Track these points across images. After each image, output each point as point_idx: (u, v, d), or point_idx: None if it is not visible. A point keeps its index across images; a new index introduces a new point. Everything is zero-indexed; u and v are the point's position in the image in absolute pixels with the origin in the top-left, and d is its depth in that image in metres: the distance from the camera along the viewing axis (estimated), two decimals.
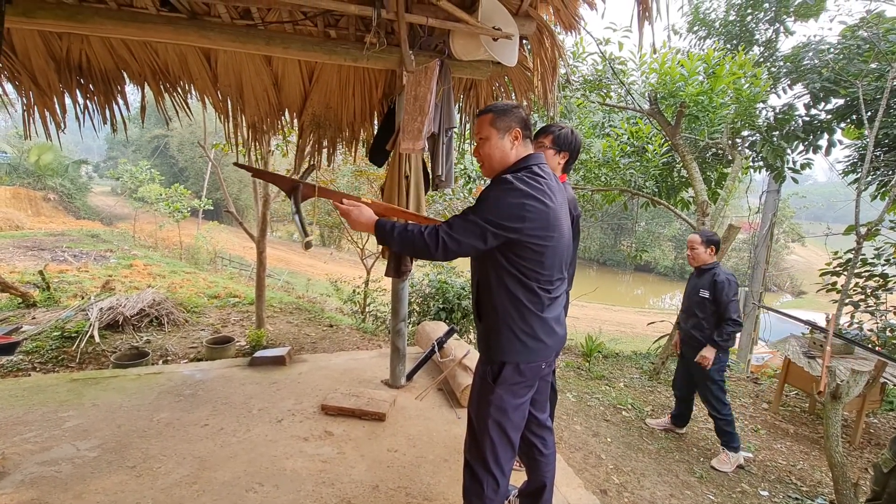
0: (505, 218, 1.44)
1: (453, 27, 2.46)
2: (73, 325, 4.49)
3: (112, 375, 3.24)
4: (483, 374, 1.61)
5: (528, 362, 1.57)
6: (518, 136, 1.58)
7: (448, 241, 1.48)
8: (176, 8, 2.48)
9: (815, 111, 5.23)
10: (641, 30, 2.33)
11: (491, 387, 1.57)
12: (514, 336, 1.53)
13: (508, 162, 1.59)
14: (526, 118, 1.62)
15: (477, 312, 1.65)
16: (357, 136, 3.78)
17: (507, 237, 1.46)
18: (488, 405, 1.58)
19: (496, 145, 1.58)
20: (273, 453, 2.39)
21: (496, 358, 1.56)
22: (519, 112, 1.61)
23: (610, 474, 2.81)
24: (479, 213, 1.46)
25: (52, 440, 2.41)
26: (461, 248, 1.49)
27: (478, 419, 1.62)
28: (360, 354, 3.95)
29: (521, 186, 1.45)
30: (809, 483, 2.99)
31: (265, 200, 4.73)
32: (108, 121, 3.26)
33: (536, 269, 1.51)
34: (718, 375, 3.06)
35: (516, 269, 1.51)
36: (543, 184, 1.51)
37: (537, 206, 1.45)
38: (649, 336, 8.33)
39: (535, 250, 1.49)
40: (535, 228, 1.46)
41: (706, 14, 6.00)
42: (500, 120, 1.58)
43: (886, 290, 5.07)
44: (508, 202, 1.44)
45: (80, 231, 16.96)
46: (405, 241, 1.54)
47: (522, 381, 1.58)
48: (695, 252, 3.11)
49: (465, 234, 1.47)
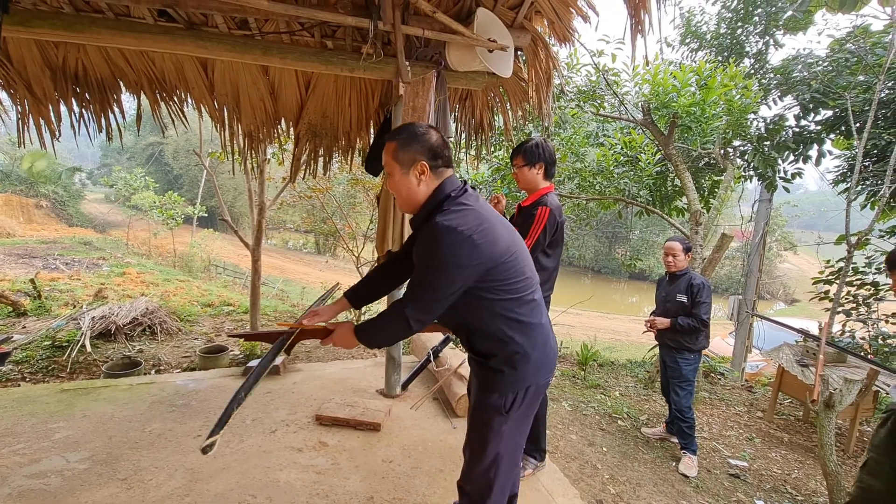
0: (460, 262, 1.33)
1: (449, 39, 2.49)
2: (64, 334, 4.44)
3: (103, 385, 3.20)
4: (491, 406, 1.49)
5: (546, 376, 1.54)
6: (425, 171, 1.42)
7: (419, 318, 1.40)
8: (173, 18, 2.50)
9: (805, 122, 5.31)
10: (634, 43, 2.37)
11: (505, 417, 1.47)
12: (531, 359, 1.46)
13: (418, 199, 1.45)
14: (435, 145, 1.44)
15: (480, 354, 1.51)
16: (353, 144, 3.79)
17: (473, 273, 1.36)
18: (501, 436, 1.50)
19: (401, 182, 1.45)
20: (266, 464, 2.36)
21: (513, 389, 1.46)
22: (426, 139, 1.43)
23: (606, 484, 2.80)
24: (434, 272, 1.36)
25: (41, 452, 2.37)
26: (432, 317, 1.42)
27: (483, 453, 1.52)
28: (354, 363, 3.93)
29: (455, 225, 1.32)
30: (804, 492, 2.99)
31: (261, 209, 4.72)
32: (103, 129, 3.25)
33: (519, 279, 1.44)
34: (692, 376, 3.17)
35: (503, 291, 1.42)
36: (470, 207, 1.40)
37: (480, 234, 1.34)
38: (644, 344, 8.34)
39: (508, 265, 1.41)
40: (492, 252, 1.37)
41: (697, 27, 6.11)
42: (402, 152, 1.43)
43: (878, 298, 5.13)
44: (451, 248, 1.31)
45: (73, 238, 16.84)
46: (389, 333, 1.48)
47: (534, 401, 1.54)
48: (676, 259, 3.17)
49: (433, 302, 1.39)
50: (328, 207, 8.45)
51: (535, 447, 2.54)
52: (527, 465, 2.51)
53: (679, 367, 3.14)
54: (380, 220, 2.92)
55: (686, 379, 3.14)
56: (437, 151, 1.44)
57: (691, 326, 3.06)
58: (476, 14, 2.44)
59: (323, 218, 9.48)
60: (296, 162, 3.79)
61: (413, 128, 1.47)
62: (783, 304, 25.49)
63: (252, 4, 2.13)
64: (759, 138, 5.33)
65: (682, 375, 3.14)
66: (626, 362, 5.59)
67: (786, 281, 26.30)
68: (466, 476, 1.60)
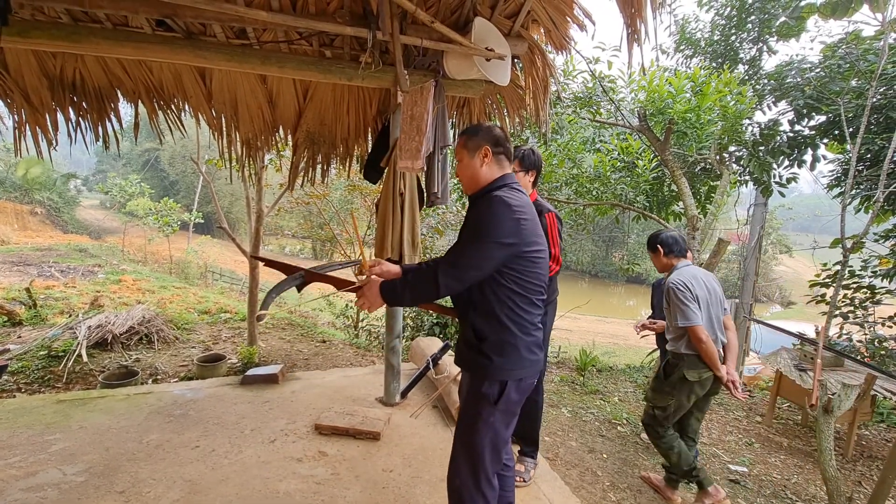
0: (503, 235, 1.47)
1: (447, 48, 2.51)
2: (60, 343, 4.40)
3: (100, 396, 3.17)
4: (482, 395, 1.55)
5: (531, 377, 1.59)
6: (487, 154, 1.63)
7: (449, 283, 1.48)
8: (171, 28, 2.50)
9: (800, 127, 5.37)
10: (630, 51, 2.39)
11: (492, 408, 1.54)
12: (520, 352, 1.54)
13: (480, 180, 1.64)
14: (498, 136, 1.65)
15: (476, 333, 1.57)
16: (351, 152, 3.80)
17: (507, 253, 1.48)
18: (487, 427, 1.56)
19: (467, 165, 1.66)
20: (266, 475, 2.35)
21: (501, 377, 1.53)
22: (490, 131, 1.66)
23: (606, 492, 2.79)
24: (477, 241, 1.48)
25: (38, 464, 2.34)
26: (461, 284, 1.51)
27: (472, 441, 1.59)
28: (353, 371, 3.91)
29: (510, 202, 1.50)
30: (804, 497, 2.99)
31: (258, 216, 4.71)
32: (100, 138, 3.25)
33: (533, 280, 1.55)
34: None
35: (515, 283, 1.52)
36: (523, 199, 1.58)
37: (526, 217, 1.51)
38: (642, 348, 8.35)
39: (532, 260, 1.53)
40: (529, 240, 1.51)
41: (692, 34, 6.17)
42: (470, 140, 1.65)
43: (874, 302, 5.16)
44: (501, 219, 1.48)
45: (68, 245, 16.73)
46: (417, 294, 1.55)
47: (519, 398, 1.59)
48: None
49: (466, 269, 1.49)
50: (325, 213, 8.46)
51: (533, 448, 2.56)
52: (527, 467, 2.51)
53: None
54: (378, 227, 2.92)
55: None
56: (499, 142, 1.65)
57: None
58: (474, 23, 2.46)
59: (320, 223, 9.48)
60: (294, 169, 3.79)
61: (477, 125, 1.72)
62: (779, 306, 25.60)
63: (251, 16, 2.14)
64: (755, 143, 5.38)
65: None
66: (624, 367, 5.59)
67: (782, 283, 26.43)
68: (454, 469, 1.65)
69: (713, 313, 2.56)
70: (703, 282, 2.57)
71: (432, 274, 1.49)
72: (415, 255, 2.91)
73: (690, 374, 2.49)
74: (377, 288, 1.59)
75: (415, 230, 2.92)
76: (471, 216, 1.56)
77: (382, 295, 1.59)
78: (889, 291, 5.10)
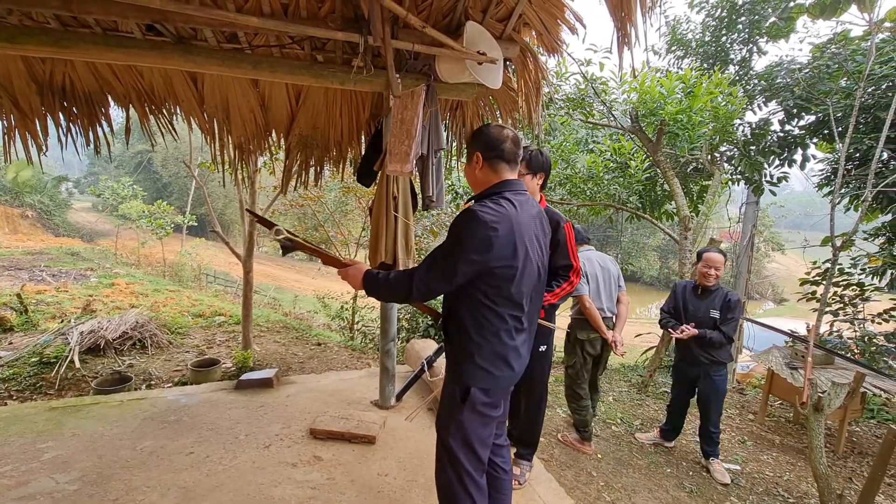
0: (472, 251, 1.45)
1: (439, 52, 2.51)
2: (52, 349, 4.36)
3: (93, 402, 3.15)
4: (451, 393, 1.60)
5: (495, 390, 1.59)
6: (479, 161, 1.62)
7: (420, 289, 1.53)
8: (162, 32, 2.49)
9: (790, 127, 5.42)
10: (622, 55, 2.41)
11: (460, 406, 1.57)
12: (479, 363, 1.54)
13: (476, 185, 1.66)
14: (490, 139, 1.60)
15: (446, 333, 1.65)
16: (344, 155, 3.79)
17: (475, 269, 1.47)
18: (458, 425, 1.59)
19: (467, 172, 1.69)
20: (261, 481, 2.34)
21: (463, 382, 1.56)
22: (482, 135, 1.62)
23: (601, 491, 2.81)
24: (448, 254, 1.49)
25: (30, 473, 2.33)
26: (431, 293, 1.56)
27: (447, 439, 1.62)
28: (348, 374, 3.91)
29: (485, 217, 1.45)
30: (796, 494, 3.03)
31: (252, 219, 4.69)
32: (91, 143, 3.22)
33: (503, 296, 1.52)
34: (724, 388, 3.17)
35: (485, 296, 1.51)
36: (508, 210, 1.51)
37: (499, 234, 1.45)
38: (635, 346, 8.39)
39: (504, 277, 1.50)
40: (500, 256, 1.47)
41: (683, 35, 6.21)
42: (468, 147, 1.69)
43: (863, 299, 5.23)
44: (472, 234, 1.45)
45: (60, 249, 16.56)
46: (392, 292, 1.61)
47: (489, 401, 1.59)
48: (719, 273, 3.07)
49: (434, 281, 1.52)
50: (319, 215, 8.44)
51: (529, 451, 2.58)
52: (523, 469, 2.53)
53: (714, 382, 3.11)
54: (372, 231, 2.92)
55: (723, 392, 3.15)
56: (493, 145, 1.60)
57: (720, 341, 3.02)
58: (465, 27, 2.46)
59: (314, 225, 9.45)
60: (287, 173, 3.78)
61: (480, 127, 1.68)
62: (772, 303, 25.83)
63: (242, 21, 2.13)
64: (745, 143, 5.43)
65: (718, 389, 3.13)
66: (619, 367, 5.62)
67: (774, 280, 26.67)
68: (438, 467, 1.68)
69: (606, 288, 3.19)
70: (597, 262, 3.23)
71: (408, 279, 1.54)
72: (409, 259, 2.92)
73: (580, 334, 3.18)
74: (361, 275, 1.66)
75: (408, 234, 2.93)
76: (451, 226, 1.54)
77: (364, 280, 1.65)
78: (878, 288, 5.17)
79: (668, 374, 5.22)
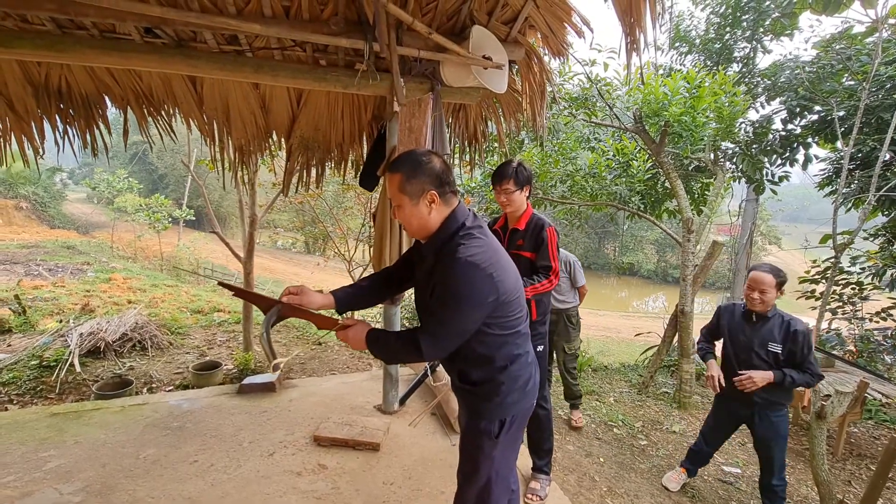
0: (483, 297, 1.35)
1: (444, 58, 2.47)
2: (51, 352, 4.33)
3: (94, 408, 3.13)
4: (481, 430, 1.52)
5: (529, 402, 1.58)
6: (434, 199, 1.40)
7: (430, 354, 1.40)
8: (160, 35, 2.43)
9: (792, 126, 5.40)
10: (629, 60, 2.37)
11: (494, 442, 1.51)
12: (513, 392, 1.50)
13: (431, 227, 1.44)
14: (440, 173, 1.42)
15: (468, 382, 1.53)
16: (346, 157, 3.75)
17: (489, 310, 1.39)
18: (492, 461, 1.53)
19: (412, 213, 1.43)
20: (266, 491, 2.34)
21: (500, 416, 1.50)
22: (431, 166, 1.41)
23: (604, 497, 2.83)
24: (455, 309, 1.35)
25: (33, 484, 2.32)
26: (445, 353, 1.43)
27: (476, 476, 1.55)
28: (351, 377, 3.90)
29: (477, 260, 1.33)
30: (797, 498, 3.06)
31: (252, 220, 4.65)
32: (88, 145, 3.17)
33: (516, 316, 1.48)
34: (786, 430, 2.59)
35: (500, 327, 1.45)
36: (486, 240, 1.42)
37: (496, 270, 1.37)
38: (635, 343, 8.42)
39: (512, 303, 1.44)
40: (506, 288, 1.40)
41: (687, 31, 6.15)
42: (408, 183, 1.40)
43: (862, 298, 5.24)
44: (475, 283, 1.33)
45: (55, 242, 16.46)
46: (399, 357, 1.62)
47: (521, 426, 1.59)
48: (765, 296, 2.46)
49: (447, 340, 1.39)
50: (318, 210, 8.38)
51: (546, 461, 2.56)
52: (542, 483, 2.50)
53: (775, 426, 2.53)
54: (376, 239, 2.90)
55: (785, 435, 2.56)
56: (443, 178, 1.43)
57: (805, 383, 2.42)
58: (471, 31, 2.42)
59: (313, 219, 9.39)
60: (287, 175, 3.74)
61: (415, 156, 1.44)
62: None
63: (245, 28, 2.09)
64: (747, 142, 5.40)
65: (780, 433, 2.54)
66: (619, 366, 5.64)
67: None
68: (460, 501, 1.63)
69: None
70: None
71: (416, 343, 1.37)
72: None
73: None
74: (363, 335, 1.49)
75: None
76: (440, 277, 1.38)
77: (367, 344, 1.49)
78: (877, 287, 5.18)
79: (669, 374, 5.25)
